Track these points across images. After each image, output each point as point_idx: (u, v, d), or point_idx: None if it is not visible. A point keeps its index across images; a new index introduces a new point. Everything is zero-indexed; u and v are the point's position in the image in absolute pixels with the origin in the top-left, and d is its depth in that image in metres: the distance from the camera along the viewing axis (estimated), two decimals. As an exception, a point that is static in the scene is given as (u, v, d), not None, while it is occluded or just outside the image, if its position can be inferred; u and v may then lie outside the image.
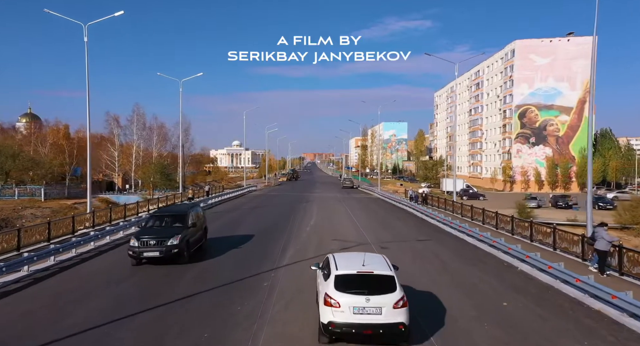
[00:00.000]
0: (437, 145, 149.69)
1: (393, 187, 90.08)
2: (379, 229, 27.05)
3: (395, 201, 47.15)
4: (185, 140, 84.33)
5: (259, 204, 44.45)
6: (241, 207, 41.05)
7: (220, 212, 36.80)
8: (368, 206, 43.00)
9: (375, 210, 39.55)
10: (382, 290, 9.31)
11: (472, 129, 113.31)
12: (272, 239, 22.87)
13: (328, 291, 9.46)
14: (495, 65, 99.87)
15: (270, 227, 27.09)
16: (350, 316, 9.14)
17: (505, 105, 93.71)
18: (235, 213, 35.75)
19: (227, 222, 29.47)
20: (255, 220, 31.09)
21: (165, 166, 66.04)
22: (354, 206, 41.89)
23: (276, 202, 46.81)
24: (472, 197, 68.78)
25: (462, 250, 21.20)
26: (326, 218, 32.44)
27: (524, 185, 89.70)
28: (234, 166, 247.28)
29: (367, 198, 54.17)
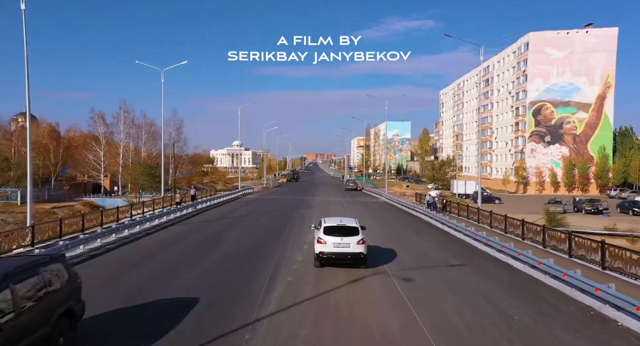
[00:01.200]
0: (442, 145, 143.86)
1: (399, 188, 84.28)
2: (395, 248, 21.27)
3: (406, 206, 41.37)
4: (178, 139, 78.88)
5: (251, 211, 38.73)
6: (229, 215, 35.29)
7: (201, 223, 31.06)
8: (377, 213, 37.21)
9: (386, 219, 33.69)
10: (350, 234, 16.37)
11: (482, 128, 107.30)
12: (255, 268, 17.10)
13: (319, 235, 16.60)
14: (507, 60, 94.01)
15: (255, 248, 21.28)
16: (332, 248, 16.13)
17: (517, 102, 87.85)
18: (218, 225, 29.99)
19: (201, 241, 23.55)
20: (238, 236, 25.06)
21: (152, 166, 60.34)
22: (361, 213, 36.17)
23: (271, 208, 41.13)
24: (486, 200, 62.94)
25: (514, 282, 15.45)
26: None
27: (538, 187, 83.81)
28: (234, 166, 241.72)
29: (374, 203, 48.42)
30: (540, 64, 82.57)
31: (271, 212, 37.20)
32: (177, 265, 17.19)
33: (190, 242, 23.04)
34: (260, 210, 39.22)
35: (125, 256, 19.18)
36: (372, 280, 15.42)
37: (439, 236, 25.40)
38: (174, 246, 21.56)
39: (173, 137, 78.03)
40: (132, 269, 16.72)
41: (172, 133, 77.75)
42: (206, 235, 25.50)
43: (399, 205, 44.27)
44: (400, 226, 29.84)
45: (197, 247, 21.26)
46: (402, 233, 26.61)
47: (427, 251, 20.86)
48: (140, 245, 22.02)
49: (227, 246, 21.64)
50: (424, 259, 18.91)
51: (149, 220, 29.24)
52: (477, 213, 30.55)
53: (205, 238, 24.28)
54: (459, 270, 17.12)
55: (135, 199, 59.68)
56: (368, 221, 30.61)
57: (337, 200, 51.65)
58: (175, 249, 20.79)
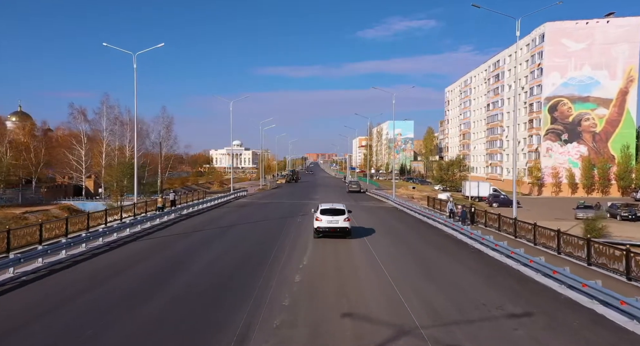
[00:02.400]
0: (448, 144, 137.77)
1: (405, 190, 78.26)
2: (423, 285, 15.01)
3: (419, 213, 35.30)
4: (167, 138, 73.19)
5: (239, 220, 32.77)
6: (211, 225, 29.32)
7: (174, 236, 25.08)
8: (388, 224, 31.08)
9: (401, 233, 27.37)
10: (339, 214, 22.88)
11: (490, 126, 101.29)
12: (219, 320, 11.21)
13: (317, 215, 22.97)
14: (520, 54, 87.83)
15: (229, 280, 15.39)
16: (326, 224, 22.59)
17: (531, 98, 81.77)
18: (193, 240, 24.03)
19: (160, 267, 17.58)
20: (211, 260, 19.05)
21: (131, 166, 54.33)
22: (368, 224, 30.27)
23: (263, 215, 35.21)
24: (503, 204, 56.95)
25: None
26: (329, 250, 20.73)
27: (554, 189, 77.76)
28: (233, 166, 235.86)
29: (381, 209, 42.44)
30: (557, 56, 76.50)
31: (261, 222, 31.24)
32: (96, 318, 11.26)
33: (144, 269, 17.10)
34: (249, 218, 33.28)
35: (38, 295, 13.27)
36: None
37: (478, 261, 19.12)
38: (116, 277, 15.61)
39: (162, 135, 72.46)
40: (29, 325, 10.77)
41: (161, 131, 72.25)
42: (170, 256, 19.58)
43: (410, 211, 38.26)
44: (420, 243, 23.67)
45: (149, 279, 15.30)
46: (425, 255, 20.46)
47: (469, 288, 14.72)
48: (78, 273, 16.11)
49: (190, 277, 15.70)
50: (470, 307, 12.77)
51: (117, 230, 24.18)
52: (513, 225, 24.53)
53: (167, 261, 18.35)
54: (526, 325, 11.16)
55: (117, 203, 53.88)
56: (379, 236, 24.87)
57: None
58: (118, 282, 14.88)
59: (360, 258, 19.31)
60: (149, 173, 71.86)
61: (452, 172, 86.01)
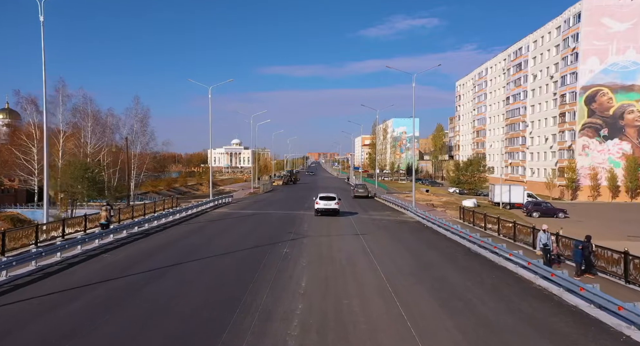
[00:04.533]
0: (459, 142, 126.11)
1: (419, 194, 66.49)
2: None
3: (464, 237, 23.38)
4: (142, 133, 61.67)
5: (189, 253, 20.85)
6: (136, 266, 17.59)
7: (48, 302, 13.57)
8: (436, 274, 16.98)
9: (460, 293, 14.02)
10: (331, 200, 33.57)
11: (510, 121, 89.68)
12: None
13: (317, 200, 33.80)
14: (547, 38, 76.23)
15: None
16: (322, 206, 33.26)
17: (563, 88, 70.13)
18: (68, 313, 12.45)
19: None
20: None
21: (88, 167, 42.85)
22: (393, 262, 18.72)
23: (233, 240, 23.61)
24: (546, 214, 45.41)
25: None
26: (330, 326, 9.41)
27: (592, 192, 66.11)
28: (231, 166, 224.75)
29: (404, 228, 30.69)
30: (596, 38, 64.87)
31: (223, 256, 19.51)
32: None
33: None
34: (210, 246, 21.64)
35: None
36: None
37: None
38: None
39: (136, 130, 60.88)
40: None
41: (134, 125, 60.65)
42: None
43: (446, 231, 26.48)
44: (508, 330, 11.83)
45: None
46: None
47: None
48: None
49: None
50: None
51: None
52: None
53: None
54: None
55: (65, 212, 42.53)
56: (419, 302, 12.25)
57: (345, 218, 34.25)
58: None
59: None
60: (121, 174, 60.56)
61: (470, 172, 74.42)
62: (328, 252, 20.35)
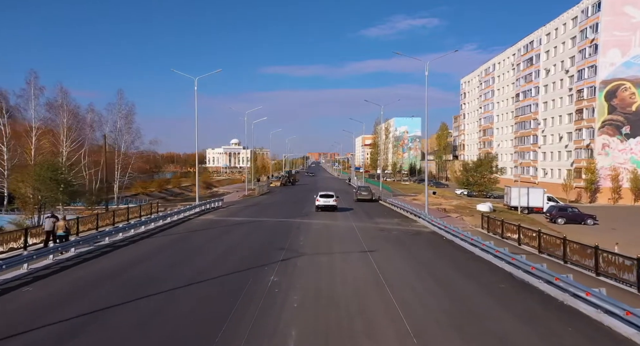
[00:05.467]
0: (464, 142, 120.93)
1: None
2: None
3: (503, 259, 18.33)
4: (127, 130, 56.58)
5: (158, 274, 15.98)
6: (52, 313, 12.43)
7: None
8: (465, 305, 13.01)
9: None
10: (330, 197, 38.91)
11: (521, 119, 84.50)
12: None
13: (317, 197, 39.25)
14: (562, 30, 71.11)
15: None
16: (322, 202, 38.42)
17: (580, 83, 65.00)
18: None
19: None
20: None
21: (56, 168, 37.62)
22: (420, 302, 13.57)
23: (212, 258, 18.61)
24: (572, 220, 40.25)
25: None
26: None
27: (613, 195, 60.97)
28: (230, 166, 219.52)
29: (417, 238, 25.61)
30: (618, 28, 59.75)
31: (186, 292, 14.38)
32: None
33: None
34: (174, 273, 16.38)
35: None
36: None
37: None
38: None
39: (119, 127, 55.77)
40: None
41: (118, 122, 55.52)
42: None
43: (472, 247, 21.39)
44: None
45: None
46: None
47: None
48: None
49: None
50: None
51: None
52: None
53: None
54: None
55: (30, 219, 37.35)
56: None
57: (348, 225, 29.15)
58: None
59: None
60: (105, 174, 55.46)
61: (480, 173, 69.19)
62: (329, 282, 15.22)
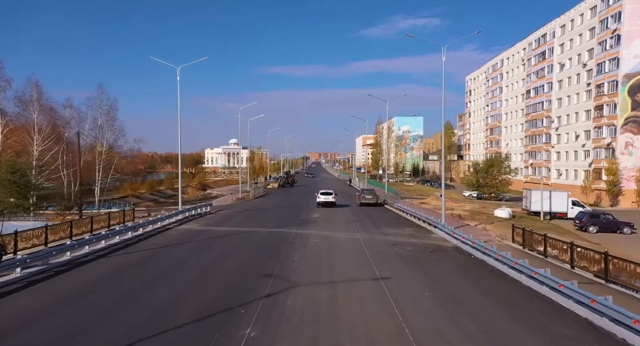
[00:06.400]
0: (469, 141, 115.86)
1: (435, 200, 56.48)
2: None
3: (559, 292, 13.52)
4: (109, 128, 51.65)
5: (81, 325, 11.18)
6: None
7: None
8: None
9: None
10: (329, 195, 42.83)
11: (532, 117, 79.50)
12: None
13: (318, 194, 43.30)
14: (578, 21, 66.13)
15: None
16: (322, 199, 42.46)
17: (600, 77, 59.99)
18: None
19: None
20: None
21: (17, 169, 32.56)
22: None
23: (175, 293, 13.70)
24: (606, 228, 35.22)
25: None
26: None
27: (637, 198, 55.94)
28: (229, 166, 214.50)
29: (439, 256, 20.54)
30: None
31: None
32: None
33: None
34: (109, 322, 11.52)
35: None
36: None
37: None
38: None
39: (100, 124, 50.84)
40: None
41: (99, 119, 50.58)
42: None
43: (526, 278, 16.44)
44: None
45: None
46: None
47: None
48: None
49: None
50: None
51: None
52: None
53: None
54: None
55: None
56: None
57: (354, 241, 24.24)
58: None
59: None
60: (86, 176, 50.74)
61: (491, 174, 64.26)
62: (330, 340, 10.24)
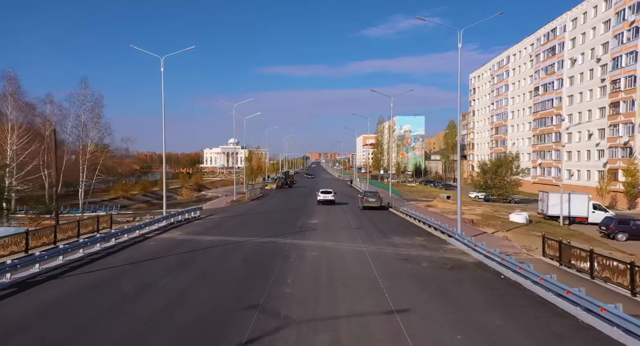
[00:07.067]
0: (473, 140, 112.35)
1: (441, 203, 52.92)
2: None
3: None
4: (94, 125, 48.12)
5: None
6: None
7: None
8: None
9: None
10: (329, 193, 45.45)
11: (540, 115, 75.96)
12: None
13: (318, 193, 46.10)
14: (592, 14, 62.56)
15: None
16: (322, 197, 44.94)
17: (616, 72, 56.44)
18: None
19: None
20: None
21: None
22: None
23: (122, 339, 10.23)
24: (638, 235, 31.61)
25: None
26: None
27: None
28: (227, 166, 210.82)
29: (461, 277, 16.90)
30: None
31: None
32: None
33: None
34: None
35: None
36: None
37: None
38: None
39: (84, 121, 47.26)
40: None
41: (82, 116, 47.00)
42: None
43: (583, 312, 12.96)
44: None
45: None
46: None
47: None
48: None
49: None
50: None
51: None
52: None
53: None
54: None
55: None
56: None
57: (359, 255, 20.70)
58: None
59: None
60: (68, 176, 47.38)
61: (500, 175, 60.72)
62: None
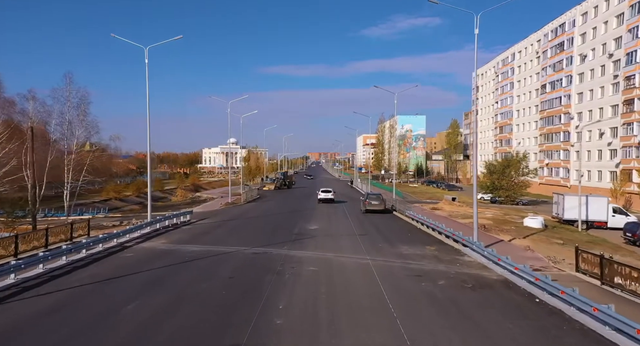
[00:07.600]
0: (477, 140, 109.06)
1: (448, 206, 50.11)
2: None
3: None
4: (80, 123, 45.38)
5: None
6: None
7: None
8: None
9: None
10: (329, 192, 48.25)
11: (548, 113, 73.17)
12: None
13: (319, 192, 48.97)
14: (603, 7, 59.73)
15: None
16: (322, 196, 47.78)
17: (630, 67, 53.68)
18: None
19: None
20: None
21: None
22: None
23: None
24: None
25: None
26: None
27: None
28: (226, 166, 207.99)
29: (488, 304, 14.05)
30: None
31: None
32: None
33: None
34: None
35: None
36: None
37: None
38: None
39: (69, 119, 44.46)
40: None
41: (67, 113, 44.23)
42: None
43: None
44: None
45: None
46: None
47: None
48: None
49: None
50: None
51: None
52: None
53: None
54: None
55: None
56: None
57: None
58: None
59: None
60: (54, 175, 44.73)
61: (508, 175, 58.01)
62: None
